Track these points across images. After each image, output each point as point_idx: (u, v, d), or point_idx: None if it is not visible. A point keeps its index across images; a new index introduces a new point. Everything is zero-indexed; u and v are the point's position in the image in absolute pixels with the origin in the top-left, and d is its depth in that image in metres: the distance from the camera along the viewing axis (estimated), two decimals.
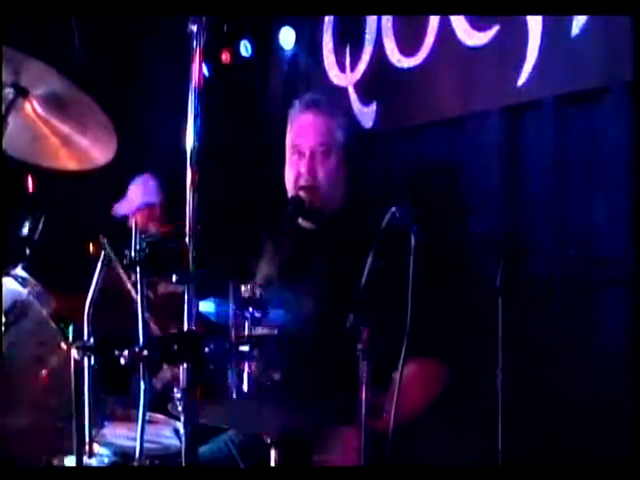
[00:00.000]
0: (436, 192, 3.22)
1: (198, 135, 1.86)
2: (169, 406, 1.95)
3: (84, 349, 1.93)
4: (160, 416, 2.65)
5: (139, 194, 3.89)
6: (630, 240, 2.54)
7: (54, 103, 2.51)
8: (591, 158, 2.74)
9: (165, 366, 2.28)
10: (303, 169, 2.71)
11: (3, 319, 2.47)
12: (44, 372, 2.57)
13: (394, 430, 2.03)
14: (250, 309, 2.04)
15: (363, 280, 2.05)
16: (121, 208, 3.89)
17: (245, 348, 1.90)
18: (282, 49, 3.89)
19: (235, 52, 4.06)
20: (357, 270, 2.07)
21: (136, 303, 1.87)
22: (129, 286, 2.10)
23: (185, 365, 1.81)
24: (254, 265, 2.84)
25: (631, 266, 2.53)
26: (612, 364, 2.63)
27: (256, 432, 2.27)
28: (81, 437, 1.99)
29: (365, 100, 3.54)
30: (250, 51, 4.05)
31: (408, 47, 3.32)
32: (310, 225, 2.77)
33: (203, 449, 2.61)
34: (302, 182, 2.71)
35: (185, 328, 1.84)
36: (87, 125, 2.54)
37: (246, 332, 2.02)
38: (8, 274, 2.63)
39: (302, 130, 2.76)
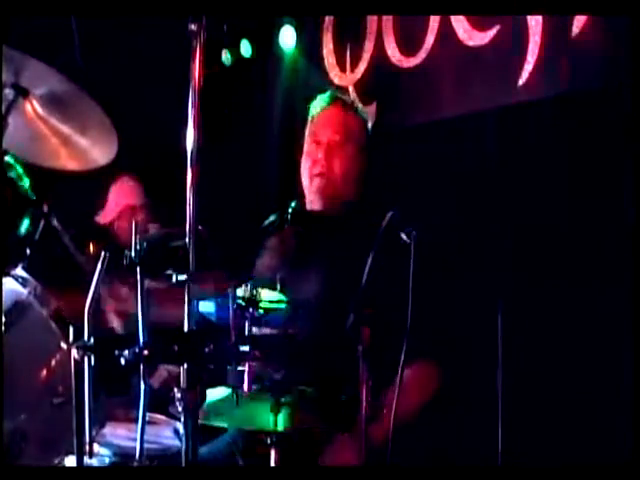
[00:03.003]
0: (436, 192, 3.22)
1: (198, 135, 1.86)
2: (169, 406, 1.95)
3: (84, 349, 1.93)
4: (160, 416, 2.65)
5: (119, 198, 3.91)
6: (630, 240, 2.54)
7: (54, 103, 2.50)
8: (591, 158, 2.74)
9: (161, 365, 2.28)
10: (320, 155, 2.77)
11: (3, 319, 2.47)
12: (44, 372, 2.57)
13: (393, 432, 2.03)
14: (250, 309, 2.05)
15: (363, 281, 2.05)
16: (103, 216, 3.90)
17: (245, 348, 1.90)
18: (282, 49, 3.89)
19: (235, 52, 4.07)
20: (359, 270, 2.07)
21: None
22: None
23: (185, 365, 1.81)
24: (255, 265, 2.84)
25: (631, 266, 2.53)
26: (612, 364, 2.63)
27: (256, 432, 2.27)
28: (81, 437, 1.99)
29: (365, 100, 3.54)
30: (250, 51, 4.06)
31: (408, 47, 3.33)
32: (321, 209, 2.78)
33: (203, 449, 2.61)
34: (318, 169, 2.77)
35: (185, 328, 1.84)
36: (87, 125, 2.54)
37: (246, 332, 2.02)
38: (8, 274, 2.63)
39: (324, 123, 2.83)
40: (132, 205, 3.86)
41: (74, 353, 1.94)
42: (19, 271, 2.66)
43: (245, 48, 4.05)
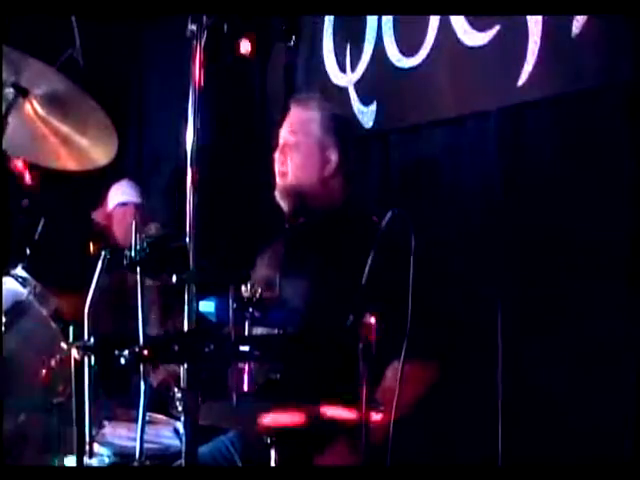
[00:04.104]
0: (436, 192, 3.22)
1: (198, 135, 1.86)
2: (169, 406, 1.95)
3: (84, 349, 1.93)
4: (160, 416, 2.65)
5: (112, 197, 3.95)
6: (630, 240, 2.54)
7: (54, 103, 2.51)
8: (591, 158, 2.74)
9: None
10: (280, 156, 2.82)
11: (3, 319, 2.47)
12: (44, 372, 2.57)
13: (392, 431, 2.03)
14: (250, 309, 2.05)
15: (364, 280, 2.05)
16: (98, 214, 3.94)
17: (245, 348, 1.90)
18: (282, 49, 3.89)
19: (235, 52, 4.06)
20: (355, 269, 2.07)
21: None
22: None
23: (185, 365, 1.81)
24: (253, 265, 2.85)
25: (631, 265, 2.53)
26: (612, 364, 2.63)
27: (256, 432, 2.27)
28: (81, 437, 1.99)
29: (365, 100, 3.54)
30: (250, 51, 4.05)
31: (408, 47, 3.32)
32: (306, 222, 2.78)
33: (203, 449, 2.61)
34: (277, 167, 2.82)
35: (185, 328, 1.84)
36: (87, 125, 2.54)
37: (246, 332, 2.02)
38: (8, 274, 2.63)
39: (283, 125, 2.88)
40: (119, 203, 3.89)
41: (74, 353, 1.94)
42: (19, 271, 2.66)
43: (245, 48, 4.05)
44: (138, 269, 1.86)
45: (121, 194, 3.94)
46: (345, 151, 2.82)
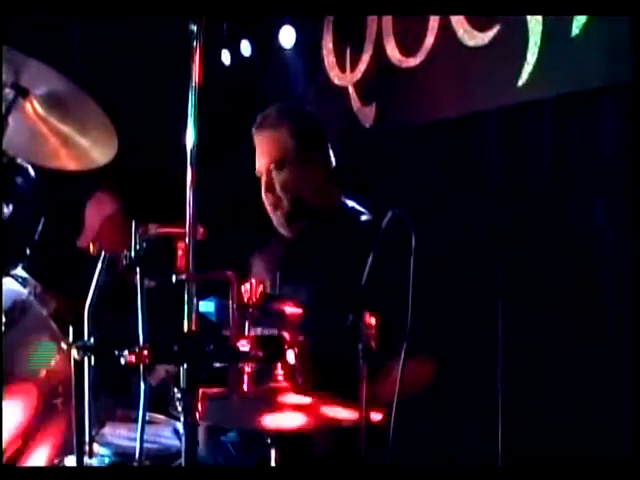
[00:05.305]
0: (436, 192, 3.22)
1: (198, 135, 1.86)
2: (169, 406, 1.95)
3: (84, 349, 1.93)
4: (160, 416, 2.65)
5: (94, 216, 3.85)
6: (630, 240, 2.55)
7: (54, 103, 2.50)
8: (591, 158, 2.74)
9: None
10: (263, 190, 2.73)
11: (3, 319, 2.47)
12: (44, 372, 2.57)
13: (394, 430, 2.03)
14: (250, 309, 2.05)
15: (363, 280, 2.05)
16: (84, 238, 3.85)
17: (245, 348, 1.90)
18: (282, 49, 3.89)
19: (235, 52, 4.07)
20: (356, 269, 2.07)
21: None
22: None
23: (185, 365, 1.81)
24: (252, 266, 2.85)
25: (631, 266, 2.53)
26: (612, 363, 2.63)
27: (256, 432, 2.27)
28: (81, 437, 1.99)
29: (365, 100, 3.54)
30: (250, 51, 4.06)
31: (408, 47, 3.33)
32: (292, 234, 2.75)
33: (203, 449, 2.61)
34: (269, 203, 2.73)
35: (185, 328, 1.84)
36: (87, 125, 2.54)
37: (246, 332, 2.02)
38: (8, 274, 2.63)
39: (257, 156, 2.77)
40: (105, 217, 3.81)
41: (74, 353, 1.94)
42: (19, 271, 2.66)
43: (245, 48, 4.05)
44: (138, 269, 1.86)
45: (102, 209, 3.85)
46: (318, 139, 2.77)
